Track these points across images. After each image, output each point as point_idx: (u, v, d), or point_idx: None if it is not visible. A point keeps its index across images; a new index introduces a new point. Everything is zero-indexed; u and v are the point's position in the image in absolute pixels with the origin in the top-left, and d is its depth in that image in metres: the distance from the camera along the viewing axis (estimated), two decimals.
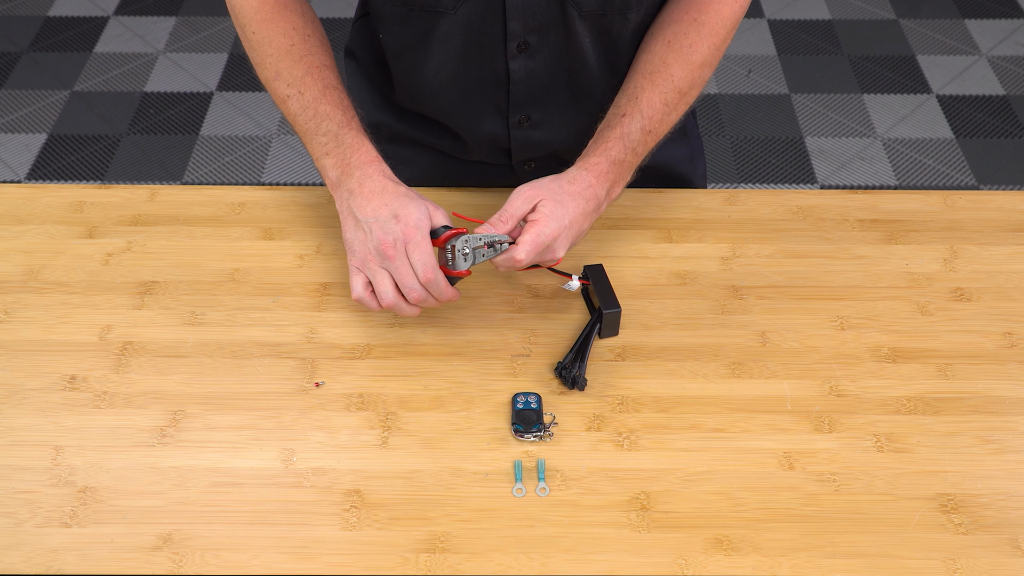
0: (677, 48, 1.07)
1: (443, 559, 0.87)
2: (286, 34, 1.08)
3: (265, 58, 1.08)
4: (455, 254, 0.97)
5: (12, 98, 2.91)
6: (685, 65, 1.07)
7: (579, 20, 1.07)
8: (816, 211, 1.21)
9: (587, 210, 1.01)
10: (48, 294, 1.10)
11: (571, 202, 0.99)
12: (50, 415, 0.98)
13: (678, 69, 1.07)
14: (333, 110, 1.05)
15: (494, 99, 1.15)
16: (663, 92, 1.07)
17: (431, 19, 1.07)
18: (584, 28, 1.08)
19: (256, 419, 0.97)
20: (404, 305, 0.98)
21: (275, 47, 1.08)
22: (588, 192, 1.01)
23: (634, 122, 1.05)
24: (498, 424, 0.97)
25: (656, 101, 1.06)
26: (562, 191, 1.00)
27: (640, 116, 1.06)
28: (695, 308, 1.09)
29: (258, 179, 2.64)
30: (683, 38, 1.07)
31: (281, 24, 1.08)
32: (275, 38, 1.08)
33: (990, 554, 0.87)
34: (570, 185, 1.01)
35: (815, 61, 3.07)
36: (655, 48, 1.09)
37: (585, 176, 1.02)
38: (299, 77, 1.06)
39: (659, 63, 1.07)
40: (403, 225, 0.96)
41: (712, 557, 0.87)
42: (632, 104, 1.06)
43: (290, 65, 1.07)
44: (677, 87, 1.07)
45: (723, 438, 0.96)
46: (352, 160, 1.02)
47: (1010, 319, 1.08)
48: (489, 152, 1.22)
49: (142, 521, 0.89)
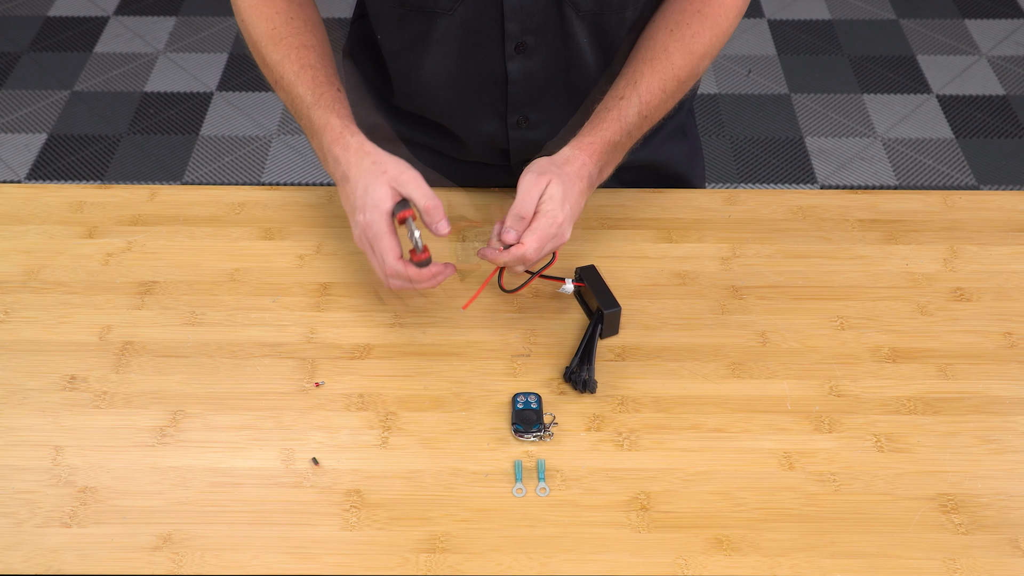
0: (679, 37, 1.08)
1: (443, 559, 0.87)
2: (269, 19, 1.08)
3: (253, 46, 1.09)
4: (413, 237, 0.96)
5: (12, 98, 2.91)
6: (686, 54, 1.08)
7: (576, 20, 1.07)
8: (816, 211, 1.21)
9: (582, 189, 1.02)
10: (48, 294, 1.10)
11: (570, 184, 1.00)
12: (50, 415, 0.98)
13: (679, 57, 1.07)
14: (304, 91, 1.04)
15: (492, 100, 1.15)
16: (662, 79, 1.07)
17: (428, 20, 1.07)
18: (581, 28, 1.08)
19: (256, 419, 0.97)
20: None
21: (259, 33, 1.08)
22: (582, 171, 1.02)
23: (631, 106, 1.06)
24: (498, 424, 0.97)
25: (655, 87, 1.07)
26: (562, 173, 1.00)
27: (638, 100, 1.06)
28: (695, 308, 1.09)
29: (258, 179, 2.64)
30: (685, 27, 1.08)
31: (265, 9, 1.08)
32: (258, 23, 1.08)
33: (990, 554, 0.87)
34: (565, 167, 1.01)
35: (815, 61, 3.07)
36: (657, 35, 1.09)
37: (579, 156, 1.02)
38: (277, 62, 1.06)
39: (660, 50, 1.08)
40: (363, 217, 0.96)
41: (712, 557, 0.87)
42: (631, 88, 1.06)
43: (270, 51, 1.07)
44: (676, 75, 1.08)
45: (723, 438, 0.96)
46: (323, 142, 1.02)
47: (1010, 319, 1.08)
48: (487, 153, 1.22)
49: (142, 521, 0.89)
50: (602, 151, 1.04)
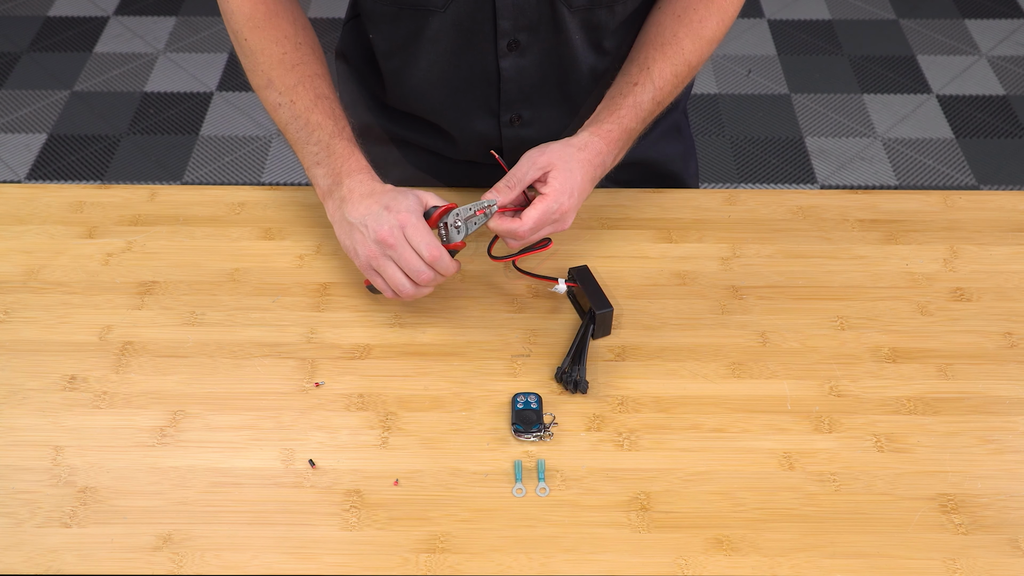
0: (687, 22, 1.08)
1: (443, 559, 0.86)
2: (278, 42, 1.08)
3: (257, 66, 1.08)
4: (448, 229, 1.00)
5: (12, 98, 2.91)
6: (696, 39, 1.09)
7: (569, 16, 1.07)
8: (816, 211, 1.21)
9: (594, 177, 1.03)
10: (48, 294, 1.10)
11: (580, 170, 1.00)
12: (50, 415, 0.98)
13: (688, 43, 1.08)
14: (324, 120, 1.05)
15: (485, 98, 1.15)
16: (674, 64, 1.08)
17: (421, 18, 1.07)
18: (574, 23, 1.08)
19: (256, 419, 0.97)
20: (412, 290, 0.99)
21: (267, 55, 1.08)
22: (597, 159, 1.02)
23: (646, 92, 1.06)
24: (498, 424, 0.97)
25: (667, 73, 1.08)
26: (572, 158, 1.00)
27: (652, 87, 1.07)
28: (695, 308, 1.09)
29: (258, 179, 2.64)
30: (692, 13, 1.09)
31: (272, 32, 1.08)
32: (267, 46, 1.07)
33: (990, 554, 0.87)
34: (580, 152, 1.01)
35: (815, 61, 3.07)
36: (664, 21, 1.09)
37: (597, 143, 1.03)
38: (291, 86, 1.07)
39: (670, 36, 1.08)
40: (395, 213, 0.97)
41: (712, 557, 0.87)
42: (644, 74, 1.07)
43: (282, 74, 1.07)
44: (687, 60, 1.09)
45: (723, 438, 0.96)
46: (343, 169, 1.03)
47: (1010, 319, 1.08)
48: (480, 151, 1.22)
49: (142, 521, 0.89)
50: (619, 139, 1.05)
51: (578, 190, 1.00)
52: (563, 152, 1.00)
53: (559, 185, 0.98)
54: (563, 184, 0.98)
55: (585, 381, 0.99)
